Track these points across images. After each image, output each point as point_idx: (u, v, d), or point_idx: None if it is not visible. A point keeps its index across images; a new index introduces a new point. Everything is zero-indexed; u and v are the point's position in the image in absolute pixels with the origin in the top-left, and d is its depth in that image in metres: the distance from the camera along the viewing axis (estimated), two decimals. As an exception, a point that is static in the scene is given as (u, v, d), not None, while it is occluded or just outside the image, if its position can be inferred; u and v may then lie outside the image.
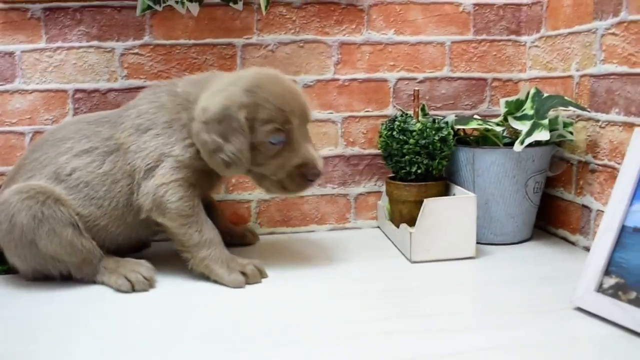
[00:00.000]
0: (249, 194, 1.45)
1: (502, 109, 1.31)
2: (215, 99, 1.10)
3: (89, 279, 1.14)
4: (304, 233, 1.48)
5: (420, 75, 1.47)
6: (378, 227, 1.50)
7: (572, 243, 1.31)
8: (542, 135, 1.18)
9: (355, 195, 1.50)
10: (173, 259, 1.22)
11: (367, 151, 1.48)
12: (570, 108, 1.22)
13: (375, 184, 1.50)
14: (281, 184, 1.14)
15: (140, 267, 1.13)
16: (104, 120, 1.21)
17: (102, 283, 1.14)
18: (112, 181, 1.16)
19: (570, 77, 1.31)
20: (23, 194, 1.10)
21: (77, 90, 1.38)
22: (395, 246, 1.33)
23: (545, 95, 1.28)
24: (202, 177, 1.16)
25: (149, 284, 1.12)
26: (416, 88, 1.33)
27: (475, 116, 1.41)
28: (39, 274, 1.15)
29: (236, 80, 1.13)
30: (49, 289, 1.12)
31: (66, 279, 1.14)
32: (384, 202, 1.45)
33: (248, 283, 1.12)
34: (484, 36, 1.48)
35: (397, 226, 1.32)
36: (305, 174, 1.12)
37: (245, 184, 1.45)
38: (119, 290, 1.10)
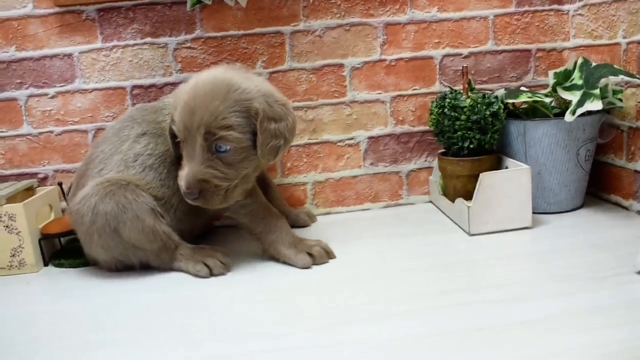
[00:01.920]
0: (304, 177, 1.50)
1: (551, 80, 1.34)
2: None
3: (166, 266, 1.20)
4: (359, 212, 1.53)
5: (465, 51, 1.49)
6: (430, 202, 1.55)
7: (626, 208, 1.34)
8: (595, 105, 1.20)
9: (407, 172, 1.54)
10: (241, 243, 1.28)
11: (416, 128, 1.51)
12: (620, 76, 1.24)
13: (425, 160, 1.53)
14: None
15: (216, 253, 1.20)
16: (148, 106, 1.28)
17: (179, 270, 1.20)
18: (171, 162, 1.21)
19: (617, 44, 1.32)
20: (105, 184, 1.16)
21: (134, 87, 1.43)
22: (451, 220, 1.37)
23: (594, 64, 1.29)
24: None
25: (226, 268, 1.18)
26: (464, 64, 1.35)
27: (522, 88, 1.43)
28: (120, 264, 1.21)
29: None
30: (130, 278, 1.19)
31: (145, 268, 1.21)
32: (435, 178, 1.49)
33: (315, 264, 1.18)
34: (525, 7, 1.49)
35: (452, 200, 1.36)
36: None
37: (300, 167, 1.50)
38: (197, 275, 1.16)
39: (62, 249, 1.39)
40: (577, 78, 1.30)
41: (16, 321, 1.04)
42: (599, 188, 1.44)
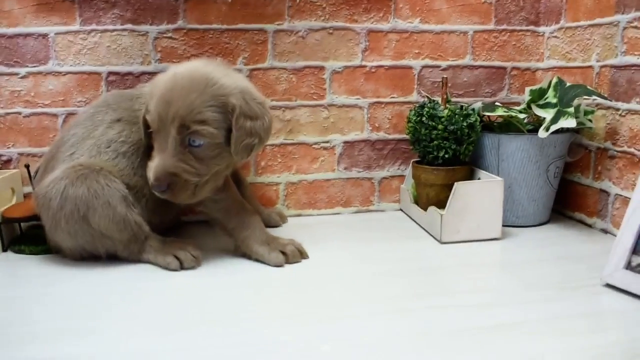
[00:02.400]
0: (277, 177, 1.49)
1: (526, 97, 1.37)
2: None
3: (135, 258, 1.17)
4: (330, 215, 1.53)
5: (443, 63, 1.52)
6: (401, 209, 1.56)
7: (589, 225, 1.38)
8: (569, 122, 1.24)
9: (380, 179, 1.55)
10: (210, 239, 1.26)
11: (391, 136, 1.53)
12: (592, 97, 1.28)
13: (398, 168, 1.55)
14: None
15: (187, 246, 1.17)
16: (124, 93, 1.26)
17: (148, 261, 1.17)
18: (144, 151, 1.19)
19: (590, 67, 1.37)
20: (77, 167, 1.13)
21: (110, 73, 1.40)
22: (422, 227, 1.39)
23: (568, 84, 1.34)
24: None
25: (197, 262, 1.15)
26: (444, 75, 1.38)
27: (497, 103, 1.47)
28: (86, 252, 1.17)
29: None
30: (94, 268, 1.15)
31: (111, 258, 1.17)
32: (407, 186, 1.50)
33: (288, 262, 1.17)
34: (504, 26, 1.53)
35: (424, 209, 1.37)
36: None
37: (274, 167, 1.49)
38: (167, 268, 1.14)
39: (23, 235, 1.34)
40: (551, 96, 1.34)
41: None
42: (565, 205, 1.48)
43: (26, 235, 1.33)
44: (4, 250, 1.29)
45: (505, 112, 1.35)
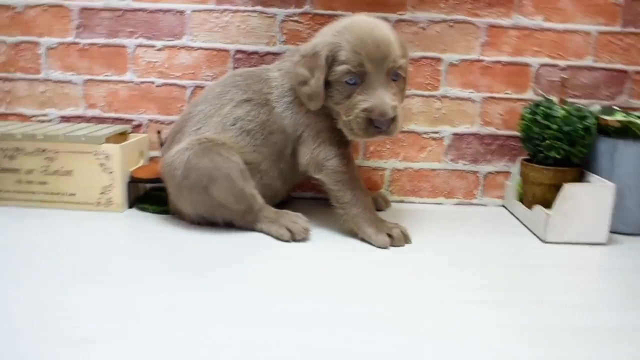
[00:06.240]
0: (384, 162, 1.54)
1: (649, 103, 1.34)
2: (313, 40, 1.23)
3: (249, 227, 1.26)
4: (432, 205, 1.56)
5: (562, 63, 1.50)
6: (503, 206, 1.56)
7: (703, 241, 1.34)
8: (693, 133, 1.20)
9: (485, 173, 1.56)
10: (319, 214, 1.34)
11: (501, 132, 1.53)
12: None
13: (505, 165, 1.55)
14: (349, 126, 1.18)
15: (298, 219, 1.24)
16: (252, 74, 1.32)
17: (261, 231, 1.25)
18: (269, 132, 1.27)
19: None
20: (202, 140, 1.22)
21: (238, 51, 1.49)
22: (525, 225, 1.39)
23: (695, 93, 1.30)
24: (338, 135, 1.24)
25: (307, 234, 1.23)
26: (563, 75, 1.37)
27: (615, 107, 1.43)
28: (204, 220, 1.27)
29: (335, 24, 1.22)
30: (211, 232, 1.25)
31: (228, 226, 1.27)
32: (512, 182, 1.50)
33: (392, 245, 1.21)
34: (631, 28, 1.49)
35: (528, 207, 1.37)
36: (371, 119, 1.15)
37: (382, 152, 1.53)
38: (279, 238, 1.22)
39: (146, 195, 1.46)
40: (676, 105, 1.30)
41: (99, 253, 1.12)
42: (678, 218, 1.43)
43: (150, 196, 1.45)
44: (130, 207, 1.41)
45: (624, 117, 1.32)
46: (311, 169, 1.25)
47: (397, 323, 0.87)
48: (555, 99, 1.39)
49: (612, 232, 1.35)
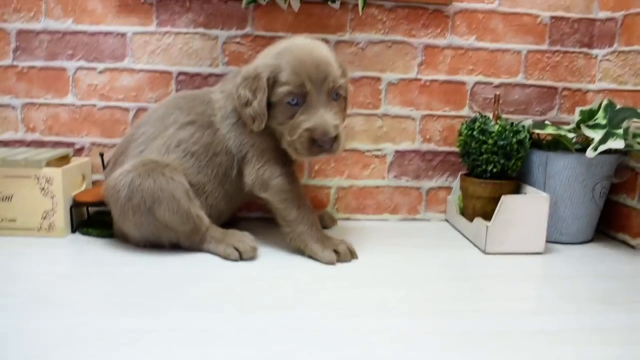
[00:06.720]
0: (329, 181, 1.56)
1: (576, 117, 1.41)
2: (254, 61, 1.26)
3: (196, 248, 1.25)
4: (377, 221, 1.59)
5: (496, 80, 1.57)
6: (446, 220, 1.61)
7: (632, 247, 1.41)
8: (617, 143, 1.28)
9: (427, 189, 1.60)
10: (264, 235, 1.34)
11: (441, 148, 1.58)
12: (641, 121, 1.32)
13: (446, 180, 1.60)
14: (293, 145, 1.21)
15: (246, 238, 1.25)
16: (195, 96, 1.33)
17: (208, 251, 1.25)
18: (214, 153, 1.27)
19: (641, 92, 1.41)
20: (145, 161, 1.22)
21: (180, 73, 1.49)
22: (466, 238, 1.44)
23: (618, 106, 1.38)
24: (283, 154, 1.26)
25: (255, 254, 1.23)
26: (497, 92, 1.43)
27: (547, 122, 1.51)
28: (149, 242, 1.26)
29: (276, 46, 1.25)
30: (156, 254, 1.24)
31: (174, 247, 1.26)
32: (454, 197, 1.55)
33: (339, 261, 1.23)
34: (557, 47, 1.57)
35: (469, 220, 1.42)
36: (314, 139, 1.18)
37: (327, 171, 1.56)
38: (227, 258, 1.22)
39: (90, 219, 1.44)
40: (601, 118, 1.38)
41: (43, 280, 1.09)
42: (608, 225, 1.51)
43: (92, 219, 1.43)
44: (73, 231, 1.39)
45: (554, 130, 1.39)
46: (257, 188, 1.26)
47: (343, 337, 0.89)
48: (490, 115, 1.46)
49: (549, 241, 1.41)
